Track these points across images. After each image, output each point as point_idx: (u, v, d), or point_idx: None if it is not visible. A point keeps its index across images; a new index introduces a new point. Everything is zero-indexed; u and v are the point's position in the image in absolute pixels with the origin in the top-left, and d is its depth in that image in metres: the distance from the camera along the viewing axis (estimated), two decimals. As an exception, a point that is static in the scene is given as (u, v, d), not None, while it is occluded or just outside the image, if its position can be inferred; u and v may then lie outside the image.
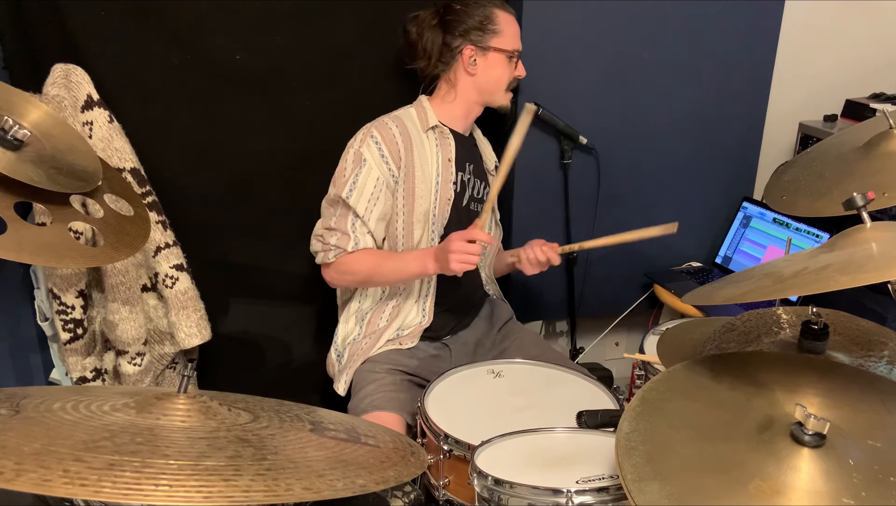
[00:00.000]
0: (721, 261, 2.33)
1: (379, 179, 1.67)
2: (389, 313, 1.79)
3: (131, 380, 1.80)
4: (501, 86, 1.77)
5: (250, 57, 1.80)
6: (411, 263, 1.66)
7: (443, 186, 1.74)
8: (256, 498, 0.74)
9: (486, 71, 1.74)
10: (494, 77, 1.75)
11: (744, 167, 2.34)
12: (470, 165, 1.82)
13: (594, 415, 1.35)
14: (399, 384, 1.68)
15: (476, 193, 1.84)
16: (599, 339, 2.42)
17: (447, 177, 1.75)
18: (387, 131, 1.69)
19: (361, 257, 1.69)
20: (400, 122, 1.72)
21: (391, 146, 1.68)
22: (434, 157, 1.74)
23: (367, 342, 1.78)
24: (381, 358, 1.75)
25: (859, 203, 1.02)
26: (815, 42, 2.31)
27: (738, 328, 1.29)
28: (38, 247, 1.15)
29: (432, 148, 1.74)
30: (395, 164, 1.68)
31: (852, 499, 0.82)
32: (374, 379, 1.69)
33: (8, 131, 1.13)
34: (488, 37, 1.71)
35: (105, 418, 0.86)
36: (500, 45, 1.72)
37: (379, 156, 1.67)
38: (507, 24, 1.73)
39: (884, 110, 1.35)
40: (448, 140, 1.76)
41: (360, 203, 1.66)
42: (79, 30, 1.65)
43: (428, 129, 1.74)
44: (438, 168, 1.74)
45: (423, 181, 1.71)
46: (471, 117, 1.82)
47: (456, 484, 1.36)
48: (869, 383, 1.04)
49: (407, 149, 1.70)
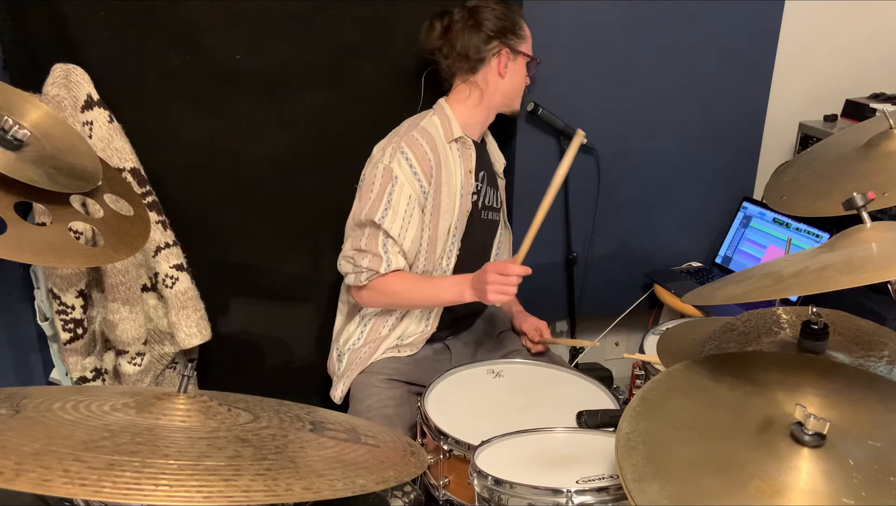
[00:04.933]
0: (721, 261, 2.33)
1: (411, 197, 1.62)
2: (393, 322, 1.77)
3: (131, 380, 1.80)
4: (522, 91, 1.80)
5: (250, 57, 1.80)
6: (447, 291, 1.63)
7: (465, 199, 1.72)
8: (256, 498, 0.74)
9: (514, 75, 1.75)
10: (519, 82, 1.77)
11: (744, 167, 2.34)
12: (483, 172, 1.79)
13: (594, 415, 1.35)
14: (398, 398, 1.66)
15: (488, 200, 1.81)
16: (599, 339, 2.42)
17: (468, 189, 1.73)
18: (417, 147, 1.63)
19: (395, 281, 1.64)
20: (427, 135, 1.66)
21: (423, 162, 1.62)
22: (458, 169, 1.70)
23: (366, 351, 1.76)
24: (379, 368, 1.72)
25: (859, 203, 1.02)
26: (815, 42, 2.31)
27: (738, 328, 1.29)
28: (38, 247, 1.15)
29: (456, 160, 1.70)
30: (427, 180, 1.64)
31: (852, 499, 0.82)
32: (372, 393, 1.67)
33: (8, 131, 1.13)
34: (519, 41, 1.73)
35: (105, 418, 0.86)
36: (527, 50, 1.75)
37: (411, 173, 1.62)
38: (527, 29, 1.76)
39: (884, 110, 1.35)
40: (470, 151, 1.73)
41: (394, 226, 1.61)
42: (79, 30, 1.65)
43: (452, 140, 1.70)
44: (461, 180, 1.71)
45: (448, 196, 1.68)
46: (487, 123, 1.81)
47: (456, 484, 1.36)
48: (869, 383, 1.04)
49: (437, 165, 1.65)
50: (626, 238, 2.29)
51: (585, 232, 2.21)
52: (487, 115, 1.78)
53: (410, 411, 1.63)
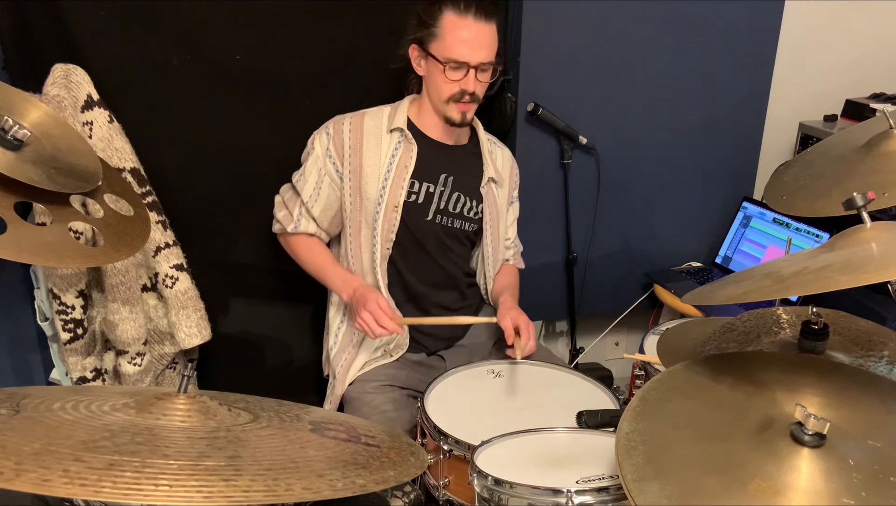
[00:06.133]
0: (721, 261, 2.33)
1: (321, 171, 1.70)
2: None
3: (131, 380, 1.80)
4: (441, 96, 1.60)
5: (250, 57, 1.80)
6: (333, 280, 1.70)
7: (391, 192, 1.65)
8: (256, 498, 0.74)
9: (427, 76, 1.63)
10: (433, 84, 1.62)
11: (744, 167, 2.34)
12: (447, 176, 1.70)
13: (594, 415, 1.35)
14: (396, 401, 1.65)
15: (452, 207, 1.72)
16: (599, 339, 2.42)
17: (398, 183, 1.65)
18: (339, 128, 1.69)
19: (301, 242, 1.75)
20: (360, 119, 1.69)
21: (337, 143, 1.68)
22: (387, 159, 1.66)
23: (344, 357, 1.75)
24: (372, 376, 1.70)
25: (859, 203, 1.02)
26: (815, 42, 2.31)
27: (738, 328, 1.29)
28: (38, 247, 1.15)
29: (388, 150, 1.67)
30: (339, 160, 1.68)
31: (852, 499, 0.82)
32: (368, 400, 1.65)
33: (8, 131, 1.13)
34: (429, 39, 1.58)
35: (105, 418, 0.86)
36: (433, 52, 1.57)
37: (324, 149, 1.69)
38: (453, 28, 1.55)
39: (884, 110, 1.35)
40: (411, 146, 1.67)
41: (305, 189, 1.71)
42: (79, 30, 1.65)
43: (391, 130, 1.68)
44: (390, 172, 1.65)
45: (370, 182, 1.66)
46: (443, 125, 1.68)
47: (456, 484, 1.36)
48: (869, 383, 1.04)
49: (354, 147, 1.67)
50: (626, 238, 2.29)
51: (585, 232, 2.21)
52: (435, 116, 1.67)
53: (410, 414, 1.63)
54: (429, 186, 1.69)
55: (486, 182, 1.76)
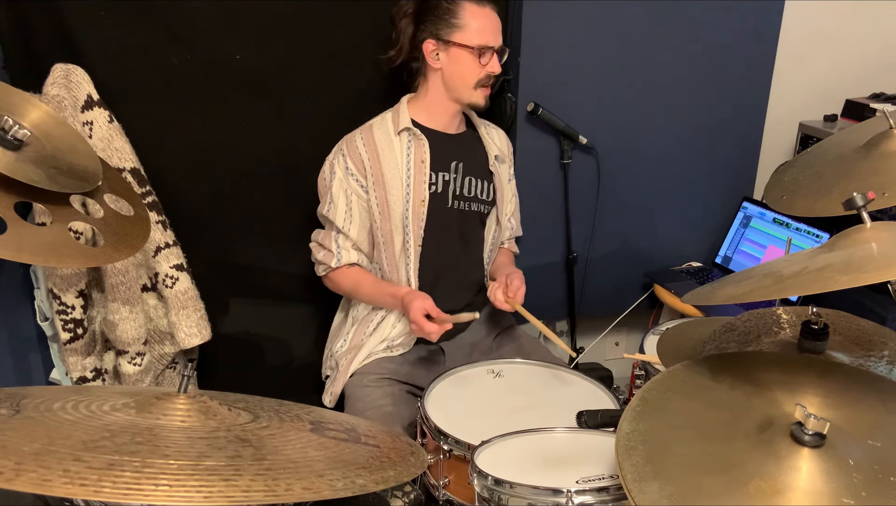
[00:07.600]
0: (721, 261, 2.33)
1: (347, 191, 1.72)
2: (377, 324, 1.78)
3: (131, 380, 1.80)
4: (467, 83, 1.69)
5: (250, 57, 1.80)
6: (383, 300, 1.73)
7: (415, 189, 1.71)
8: (256, 498, 0.74)
9: (451, 65, 1.68)
10: (458, 73, 1.69)
11: (744, 167, 2.34)
12: (458, 163, 1.77)
13: (594, 415, 1.35)
14: (395, 396, 1.66)
15: (467, 191, 1.79)
16: (599, 339, 2.42)
17: (420, 179, 1.71)
18: (352, 144, 1.72)
19: (344, 275, 1.76)
20: (369, 131, 1.73)
21: (355, 159, 1.71)
22: (404, 159, 1.72)
23: (350, 356, 1.77)
24: (372, 369, 1.73)
25: (859, 203, 1.02)
26: (815, 42, 2.31)
27: (738, 328, 1.29)
28: (38, 247, 1.15)
29: (403, 150, 1.72)
30: (362, 175, 1.71)
31: (852, 499, 0.82)
32: (367, 393, 1.67)
33: (8, 131, 1.13)
34: (450, 31, 1.65)
35: (105, 418, 0.86)
36: (461, 41, 1.66)
37: (344, 168, 1.71)
38: (474, 17, 1.65)
39: (884, 110, 1.35)
40: (421, 141, 1.72)
41: (337, 216, 1.73)
42: (79, 30, 1.65)
43: (399, 131, 1.72)
44: (410, 170, 1.71)
45: (395, 186, 1.70)
46: (450, 115, 1.76)
47: (456, 484, 1.36)
48: (869, 383, 1.04)
49: (372, 158, 1.70)
50: (626, 238, 2.29)
51: (585, 232, 2.21)
52: (444, 107, 1.75)
53: (408, 410, 1.63)
54: (444, 174, 1.76)
55: (492, 161, 1.84)
